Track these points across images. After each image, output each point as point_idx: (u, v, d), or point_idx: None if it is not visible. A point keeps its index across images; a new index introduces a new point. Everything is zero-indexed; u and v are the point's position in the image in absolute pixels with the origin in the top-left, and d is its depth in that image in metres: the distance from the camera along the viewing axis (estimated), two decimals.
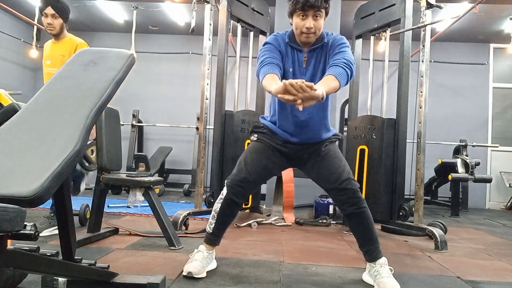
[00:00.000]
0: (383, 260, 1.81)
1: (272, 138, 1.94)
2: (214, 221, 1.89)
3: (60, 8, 2.72)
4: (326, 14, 1.83)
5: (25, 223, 0.92)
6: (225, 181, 1.89)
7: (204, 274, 1.81)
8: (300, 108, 1.52)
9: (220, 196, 1.89)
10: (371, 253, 1.81)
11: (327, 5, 1.80)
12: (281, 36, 1.91)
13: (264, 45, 1.90)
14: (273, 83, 1.66)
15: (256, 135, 1.99)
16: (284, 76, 1.87)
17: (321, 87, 1.57)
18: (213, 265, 1.94)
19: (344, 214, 1.86)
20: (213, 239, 1.92)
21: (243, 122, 3.48)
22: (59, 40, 2.78)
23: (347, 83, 1.75)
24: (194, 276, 1.77)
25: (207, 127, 3.32)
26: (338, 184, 1.79)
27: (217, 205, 1.89)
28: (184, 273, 1.79)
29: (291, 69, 1.88)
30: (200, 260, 1.84)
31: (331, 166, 1.85)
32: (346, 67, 1.73)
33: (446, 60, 6.46)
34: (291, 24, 1.88)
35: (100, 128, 2.41)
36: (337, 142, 2.01)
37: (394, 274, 1.78)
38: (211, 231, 1.90)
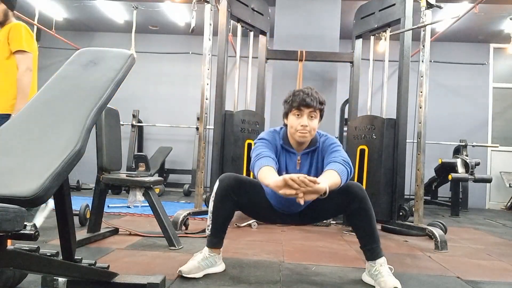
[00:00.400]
0: (383, 259, 1.81)
1: None
2: (210, 221, 1.88)
3: None
4: (321, 117, 1.86)
5: (25, 223, 0.92)
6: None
7: (198, 275, 1.79)
8: (302, 202, 1.50)
9: (212, 194, 1.88)
10: (372, 252, 1.81)
11: (322, 108, 1.83)
12: (276, 136, 1.90)
13: (259, 139, 1.89)
14: (271, 175, 1.64)
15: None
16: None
17: (325, 181, 1.56)
18: (218, 268, 1.90)
19: (348, 213, 1.86)
20: (213, 242, 1.89)
21: (243, 122, 3.48)
22: (3, 27, 2.62)
23: (346, 181, 1.73)
24: (183, 275, 1.75)
25: (207, 127, 3.32)
26: (357, 195, 1.78)
27: (210, 204, 1.88)
28: (177, 272, 1.79)
29: (284, 172, 1.85)
30: (197, 261, 1.83)
31: (336, 192, 1.78)
32: (346, 165, 1.74)
33: (446, 60, 6.46)
34: (285, 125, 1.89)
35: (100, 128, 2.40)
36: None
37: (394, 274, 1.78)
38: (209, 233, 1.89)
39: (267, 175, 1.66)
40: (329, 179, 1.63)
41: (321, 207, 1.89)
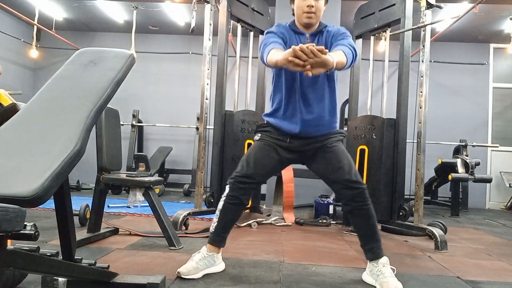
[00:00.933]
0: (385, 259, 1.80)
1: (276, 136, 1.90)
2: (217, 219, 1.88)
3: None
4: (326, 0, 1.89)
5: (25, 223, 0.92)
6: (228, 179, 1.88)
7: (197, 275, 1.78)
8: (310, 74, 1.49)
9: (223, 194, 1.88)
10: (373, 251, 1.81)
11: None
12: (283, 24, 1.94)
13: (266, 33, 1.90)
14: (279, 54, 1.63)
15: (259, 134, 1.96)
16: (285, 75, 1.86)
17: (332, 55, 1.55)
18: (217, 268, 1.90)
19: (348, 210, 1.85)
20: (215, 239, 1.89)
21: (243, 122, 3.48)
22: None
23: (351, 65, 1.74)
24: (182, 276, 1.75)
25: (207, 127, 3.32)
26: (347, 179, 1.78)
27: (220, 204, 1.88)
28: (176, 274, 1.78)
29: None
30: (195, 261, 1.82)
31: (340, 161, 1.83)
32: (352, 50, 1.74)
33: (446, 60, 6.46)
34: (292, 10, 1.91)
35: (100, 128, 2.40)
36: (342, 141, 1.99)
37: (394, 274, 1.78)
38: (213, 230, 1.89)
39: (276, 54, 1.65)
40: (336, 56, 1.61)
41: (326, 164, 1.85)
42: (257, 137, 1.96)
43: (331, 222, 3.57)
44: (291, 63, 1.49)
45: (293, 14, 1.94)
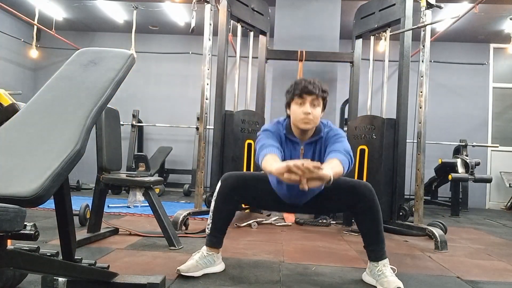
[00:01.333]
0: (386, 260, 1.81)
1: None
2: (211, 220, 1.87)
3: None
4: (324, 106, 1.84)
5: (25, 223, 0.92)
6: (223, 176, 1.89)
7: (197, 274, 1.79)
8: (306, 187, 1.47)
9: (214, 194, 1.87)
10: (377, 253, 1.80)
11: (325, 95, 1.81)
12: (279, 127, 1.89)
13: (263, 131, 1.88)
14: (274, 162, 1.62)
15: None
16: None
17: (329, 169, 1.54)
18: (217, 267, 1.90)
19: (355, 212, 1.83)
20: (212, 241, 1.89)
21: (243, 122, 3.48)
22: None
23: (347, 171, 1.72)
24: (181, 273, 1.76)
25: (207, 127, 3.32)
26: (365, 195, 1.77)
27: (212, 204, 1.88)
28: (176, 271, 1.78)
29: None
30: (195, 260, 1.83)
31: (347, 186, 1.80)
32: (348, 156, 1.73)
33: (446, 60, 6.46)
34: (288, 117, 1.88)
35: (100, 128, 2.40)
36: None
37: (395, 274, 1.78)
38: (209, 232, 1.89)
39: (271, 162, 1.64)
40: (333, 168, 1.60)
41: (327, 201, 1.87)
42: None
43: (331, 222, 3.57)
44: (286, 177, 1.48)
45: (288, 116, 1.89)
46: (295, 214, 3.72)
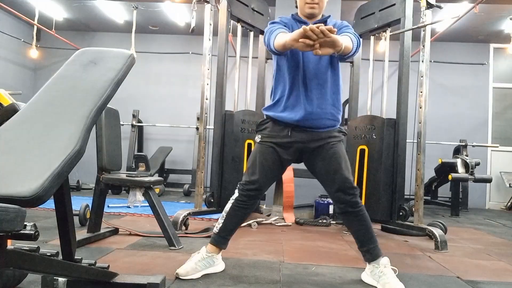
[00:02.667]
0: (386, 260, 1.80)
1: (276, 132, 1.87)
2: (222, 221, 1.89)
3: None
4: None
5: (25, 223, 0.92)
6: (238, 184, 1.90)
7: (195, 276, 1.79)
8: (319, 53, 1.51)
9: (232, 197, 1.90)
10: (371, 252, 1.81)
11: None
12: (284, 17, 1.94)
13: (269, 23, 1.89)
14: (287, 35, 1.63)
15: (259, 136, 1.93)
16: (291, 52, 1.84)
17: (341, 38, 1.56)
18: (217, 268, 1.90)
19: (340, 212, 1.86)
20: (218, 240, 1.89)
21: (243, 122, 3.48)
22: None
23: (355, 52, 1.73)
24: (180, 277, 1.75)
25: (207, 127, 3.32)
26: (345, 184, 1.79)
27: (227, 206, 1.90)
28: (175, 274, 1.78)
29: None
30: (194, 262, 1.83)
31: (339, 164, 1.82)
32: (357, 38, 1.76)
33: (446, 60, 6.46)
34: (295, 2, 1.92)
35: (100, 128, 2.40)
36: (343, 141, 1.97)
37: (396, 275, 1.77)
38: (217, 231, 1.89)
39: (283, 36, 1.65)
40: (344, 40, 1.61)
41: (325, 164, 1.85)
42: (257, 138, 1.94)
43: (331, 222, 3.57)
44: (301, 43, 1.50)
45: (296, 7, 1.94)
46: (295, 211, 3.72)
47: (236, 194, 1.89)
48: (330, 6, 4.32)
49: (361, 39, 1.81)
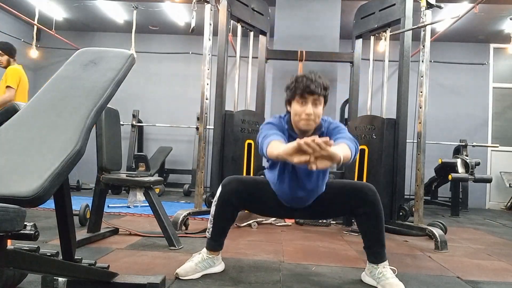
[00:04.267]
0: (385, 261, 1.80)
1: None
2: (211, 225, 1.85)
3: (5, 48, 3.90)
4: (325, 102, 1.79)
5: (25, 223, 0.92)
6: (223, 180, 1.86)
7: (195, 276, 1.78)
8: (314, 168, 1.41)
9: (215, 198, 1.85)
10: (377, 255, 1.79)
11: (326, 93, 1.76)
12: (281, 121, 1.85)
13: (265, 124, 1.84)
14: (280, 146, 1.55)
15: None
16: (279, 167, 1.82)
17: (338, 150, 1.48)
18: (217, 268, 1.90)
19: (357, 215, 1.82)
20: (213, 245, 1.88)
21: (243, 122, 3.48)
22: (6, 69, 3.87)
23: (354, 158, 1.68)
24: (180, 277, 1.75)
25: (207, 127, 3.32)
26: (363, 194, 1.78)
27: (212, 208, 1.86)
28: (174, 274, 1.78)
29: None
30: (194, 263, 1.82)
31: (343, 187, 1.82)
32: (354, 143, 1.69)
33: (446, 60, 6.46)
34: (288, 112, 1.83)
35: (100, 128, 2.40)
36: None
37: (395, 275, 1.77)
38: (209, 236, 1.87)
39: (277, 146, 1.57)
40: (341, 150, 1.53)
41: (329, 204, 1.87)
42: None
43: (331, 222, 3.57)
44: (296, 159, 1.42)
45: (288, 112, 1.86)
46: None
47: (219, 192, 1.83)
48: (330, 6, 4.35)
49: (358, 144, 1.73)
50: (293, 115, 1.78)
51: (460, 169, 5.03)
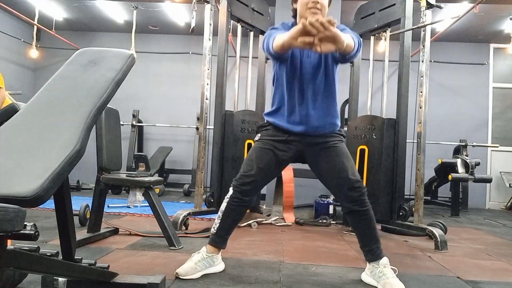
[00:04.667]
0: (385, 260, 1.80)
1: (275, 134, 1.89)
2: (219, 221, 1.88)
3: None
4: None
5: (25, 223, 0.92)
6: (233, 180, 1.88)
7: (195, 276, 1.79)
8: (319, 50, 1.42)
9: (226, 195, 1.88)
10: (373, 252, 1.80)
11: None
12: (285, 25, 1.88)
13: (270, 29, 1.85)
14: (284, 35, 1.55)
15: (259, 135, 1.95)
16: (290, 60, 1.82)
17: (342, 35, 1.49)
18: (217, 268, 1.90)
19: (347, 212, 1.84)
20: (216, 240, 1.89)
21: (243, 122, 3.47)
22: None
23: (357, 52, 1.68)
24: (180, 277, 1.75)
25: (207, 127, 3.32)
26: (351, 180, 1.77)
27: (223, 205, 1.88)
28: (174, 274, 1.78)
29: (297, 59, 1.83)
30: (194, 262, 1.82)
31: (343, 161, 1.82)
32: (358, 38, 1.70)
33: (446, 60, 6.46)
34: (293, 11, 1.86)
35: (100, 128, 2.40)
36: (344, 142, 1.97)
37: (396, 275, 1.77)
38: (214, 231, 1.88)
39: (282, 36, 1.57)
40: (346, 37, 1.53)
41: (327, 162, 1.85)
42: (257, 137, 1.96)
43: (331, 222, 3.57)
44: (300, 40, 1.43)
45: (293, 16, 1.90)
46: (295, 212, 3.72)
47: (231, 191, 1.86)
48: (330, 6, 4.34)
49: (361, 39, 1.74)
50: (299, 6, 1.80)
51: (460, 169, 5.03)
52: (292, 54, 1.82)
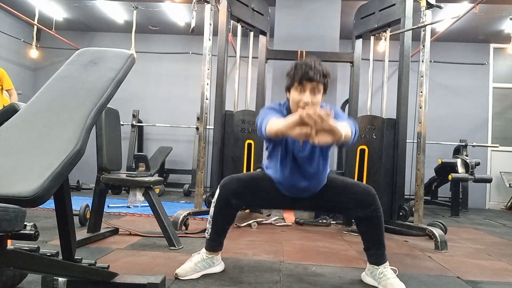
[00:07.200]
0: (386, 262, 1.80)
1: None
2: (210, 226, 1.85)
3: None
4: (325, 90, 1.74)
5: (25, 223, 0.92)
6: (221, 181, 1.85)
7: (195, 276, 1.78)
8: (316, 142, 1.37)
9: (213, 199, 1.84)
10: (378, 257, 1.79)
11: (326, 81, 1.71)
12: (281, 107, 1.82)
13: (265, 109, 1.81)
14: (280, 121, 1.48)
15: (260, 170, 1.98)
16: (284, 144, 1.79)
17: (339, 126, 1.42)
18: (217, 268, 1.89)
19: (358, 216, 1.79)
20: (212, 245, 1.87)
21: (243, 122, 3.48)
22: None
23: (353, 140, 1.65)
24: (179, 278, 1.75)
25: (207, 127, 3.32)
26: (366, 198, 1.75)
27: (211, 210, 1.85)
28: (174, 275, 1.78)
29: (290, 147, 1.80)
30: (194, 263, 1.82)
31: (345, 186, 1.81)
32: (353, 125, 1.66)
33: (446, 60, 6.46)
34: (288, 99, 1.80)
35: (100, 128, 2.40)
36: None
37: (396, 275, 1.77)
38: (208, 237, 1.87)
39: (277, 122, 1.51)
40: (343, 127, 1.46)
41: (330, 200, 1.86)
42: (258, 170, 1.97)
43: (331, 222, 3.57)
44: (297, 131, 1.37)
45: (288, 99, 1.83)
46: (295, 211, 3.72)
47: (217, 192, 1.82)
48: (330, 6, 4.34)
49: (357, 124, 1.68)
50: (292, 102, 1.76)
51: (460, 169, 5.03)
52: (286, 141, 1.78)
